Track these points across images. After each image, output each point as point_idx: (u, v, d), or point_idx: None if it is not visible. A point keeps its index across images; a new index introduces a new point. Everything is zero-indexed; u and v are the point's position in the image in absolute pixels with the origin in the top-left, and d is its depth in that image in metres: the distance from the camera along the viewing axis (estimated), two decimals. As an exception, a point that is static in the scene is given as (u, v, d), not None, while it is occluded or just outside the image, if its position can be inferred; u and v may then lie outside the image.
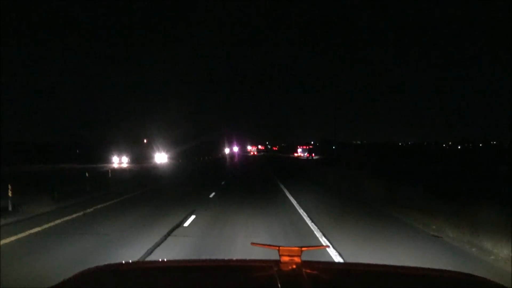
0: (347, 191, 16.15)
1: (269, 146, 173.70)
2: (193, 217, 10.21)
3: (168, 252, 6.73)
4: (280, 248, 1.67)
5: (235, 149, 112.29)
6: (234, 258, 4.79)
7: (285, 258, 1.64)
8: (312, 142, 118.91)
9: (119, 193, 15.68)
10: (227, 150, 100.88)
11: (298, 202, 13.02)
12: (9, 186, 10.82)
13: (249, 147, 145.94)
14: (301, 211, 11.19)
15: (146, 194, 16.48)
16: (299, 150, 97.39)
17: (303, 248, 1.67)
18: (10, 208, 10.61)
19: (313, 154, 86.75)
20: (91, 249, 6.86)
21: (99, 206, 12.16)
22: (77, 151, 63.24)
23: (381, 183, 14.20)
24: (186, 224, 9.32)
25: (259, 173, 32.36)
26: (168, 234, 8.13)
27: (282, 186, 19.11)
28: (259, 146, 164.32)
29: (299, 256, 1.64)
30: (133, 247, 6.95)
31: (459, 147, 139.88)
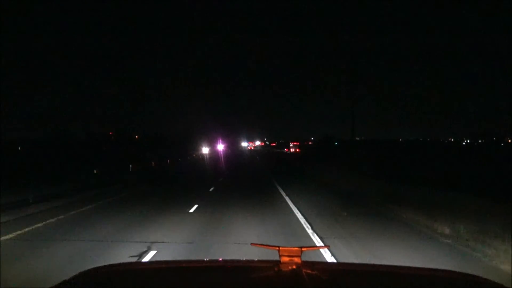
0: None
1: (267, 142, 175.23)
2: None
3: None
4: (280, 248, 1.67)
5: (220, 147, 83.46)
6: (234, 259, 4.81)
7: (285, 259, 1.64)
8: (312, 139, 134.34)
9: None
10: (205, 150, 73.18)
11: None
12: None
13: (245, 144, 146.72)
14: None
15: None
16: (291, 145, 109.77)
17: (303, 249, 1.67)
18: None
19: (295, 149, 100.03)
20: None
21: None
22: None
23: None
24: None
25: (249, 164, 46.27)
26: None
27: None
28: (258, 142, 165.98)
29: (299, 256, 1.64)
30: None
31: (467, 143, 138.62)
